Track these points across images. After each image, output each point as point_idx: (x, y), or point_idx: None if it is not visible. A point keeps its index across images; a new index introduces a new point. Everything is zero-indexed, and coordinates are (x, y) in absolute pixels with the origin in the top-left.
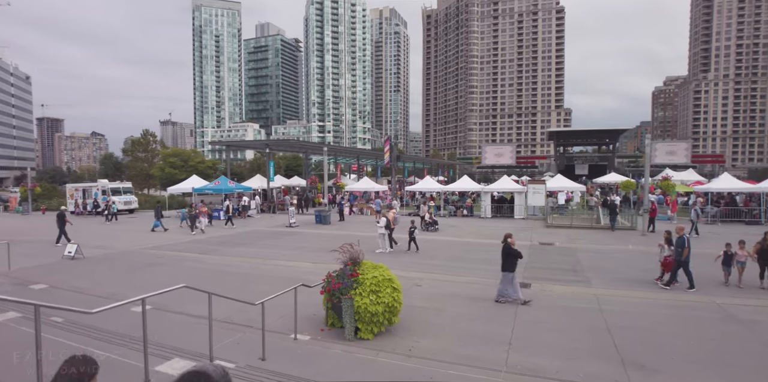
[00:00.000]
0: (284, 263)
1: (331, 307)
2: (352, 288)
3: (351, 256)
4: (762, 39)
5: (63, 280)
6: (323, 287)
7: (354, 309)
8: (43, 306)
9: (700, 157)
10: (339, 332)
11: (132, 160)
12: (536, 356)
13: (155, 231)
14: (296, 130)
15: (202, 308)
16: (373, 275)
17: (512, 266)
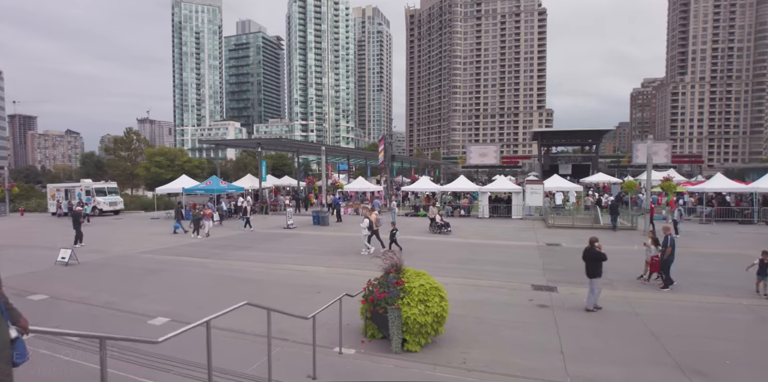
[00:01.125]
0: (296, 267)
1: (370, 317)
2: (398, 297)
3: (393, 263)
4: (736, 43)
5: (62, 289)
6: (364, 296)
7: (402, 320)
8: (110, 338)
9: (680, 158)
10: (381, 344)
11: (114, 159)
12: (593, 364)
13: (177, 233)
14: (278, 128)
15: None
16: (420, 284)
17: (600, 272)
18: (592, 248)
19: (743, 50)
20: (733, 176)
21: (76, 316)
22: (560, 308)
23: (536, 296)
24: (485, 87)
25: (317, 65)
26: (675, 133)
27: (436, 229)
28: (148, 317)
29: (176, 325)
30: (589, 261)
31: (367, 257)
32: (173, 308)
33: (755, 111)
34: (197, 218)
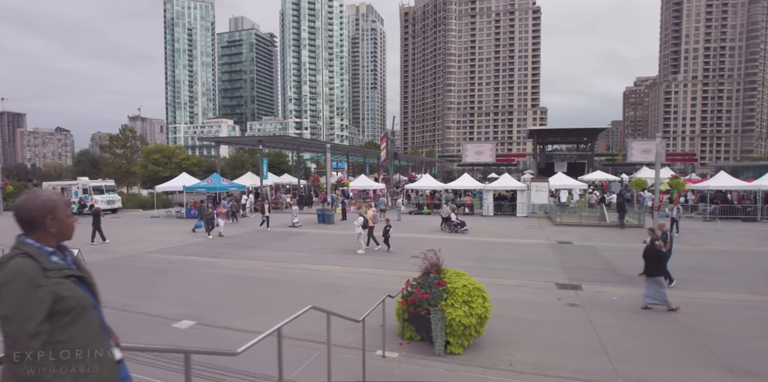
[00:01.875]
0: (310, 266)
1: (408, 318)
2: (442, 298)
3: (432, 262)
4: (728, 42)
5: None
6: (403, 296)
7: (446, 322)
8: (195, 352)
9: (673, 156)
10: (420, 346)
11: (110, 156)
12: (642, 365)
13: (196, 232)
14: (272, 126)
15: (252, 321)
16: (463, 284)
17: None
18: (653, 246)
19: (735, 50)
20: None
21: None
22: (590, 306)
23: (563, 295)
24: (480, 85)
25: (311, 63)
26: (668, 132)
27: (452, 228)
28: (171, 320)
29: (202, 328)
30: (650, 260)
31: (381, 256)
32: (193, 310)
33: (747, 110)
34: (210, 217)
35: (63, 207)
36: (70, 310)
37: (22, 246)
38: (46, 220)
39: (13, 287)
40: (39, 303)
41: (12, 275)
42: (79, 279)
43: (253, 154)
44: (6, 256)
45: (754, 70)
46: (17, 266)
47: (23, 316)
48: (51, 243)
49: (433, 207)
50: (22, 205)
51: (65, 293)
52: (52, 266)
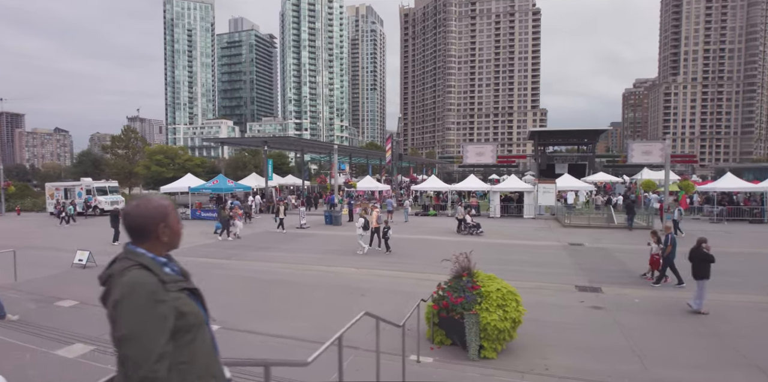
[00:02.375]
0: (326, 268)
1: (438, 322)
2: (476, 302)
3: (463, 265)
4: (728, 44)
5: (89, 294)
6: (434, 300)
7: (480, 326)
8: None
9: (674, 157)
10: (452, 351)
11: (112, 157)
12: (675, 368)
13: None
14: (272, 127)
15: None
16: (497, 288)
17: (708, 273)
18: (700, 249)
19: (734, 51)
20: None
21: None
22: (614, 309)
23: (585, 298)
24: (479, 86)
25: (311, 63)
26: (667, 133)
27: (468, 230)
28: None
29: (227, 333)
30: (697, 262)
31: (393, 257)
32: (214, 314)
33: (746, 111)
34: (226, 218)
35: (173, 213)
36: (190, 327)
37: (135, 256)
38: (159, 227)
39: (132, 302)
40: (162, 321)
41: (130, 289)
42: (191, 292)
43: (255, 155)
44: (118, 268)
45: (753, 72)
46: (136, 279)
47: (147, 336)
48: (161, 253)
49: (439, 208)
50: (133, 212)
51: (185, 309)
52: (168, 279)
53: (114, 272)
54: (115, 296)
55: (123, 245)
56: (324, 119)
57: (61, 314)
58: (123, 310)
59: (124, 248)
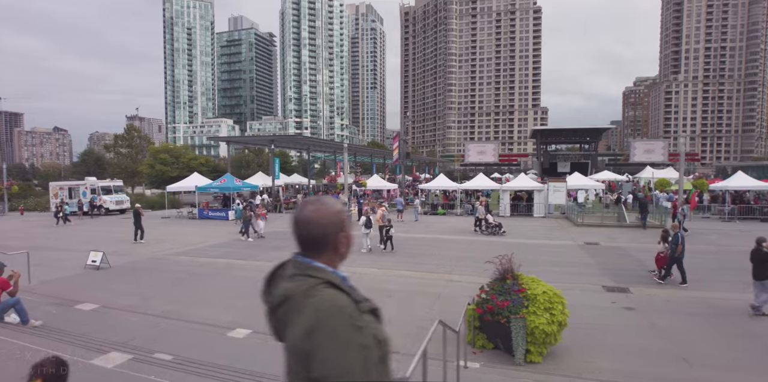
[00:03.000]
0: (347, 269)
1: (479, 326)
2: (522, 306)
3: (506, 268)
4: (729, 42)
5: (106, 297)
6: (477, 303)
7: (527, 330)
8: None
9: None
10: (495, 355)
11: (114, 156)
12: (725, 371)
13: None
14: (272, 126)
15: None
16: (543, 291)
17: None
18: (760, 249)
19: (735, 50)
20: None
21: (143, 329)
22: (647, 310)
23: (615, 298)
24: (480, 85)
25: (311, 62)
26: (668, 132)
27: (490, 229)
28: (223, 328)
29: (259, 337)
30: (758, 263)
31: (414, 258)
32: (241, 317)
33: (747, 110)
34: (247, 218)
35: (348, 220)
36: (385, 357)
37: (317, 272)
38: (339, 236)
39: (334, 331)
40: (369, 352)
41: (328, 315)
42: (372, 312)
43: (258, 154)
44: (299, 287)
45: (754, 70)
46: (332, 301)
47: (357, 373)
48: (337, 266)
49: (447, 207)
50: (314, 218)
51: (382, 336)
52: (359, 298)
53: (293, 292)
54: (306, 323)
55: (293, 258)
56: (324, 118)
57: (83, 319)
58: (323, 341)
59: (295, 262)
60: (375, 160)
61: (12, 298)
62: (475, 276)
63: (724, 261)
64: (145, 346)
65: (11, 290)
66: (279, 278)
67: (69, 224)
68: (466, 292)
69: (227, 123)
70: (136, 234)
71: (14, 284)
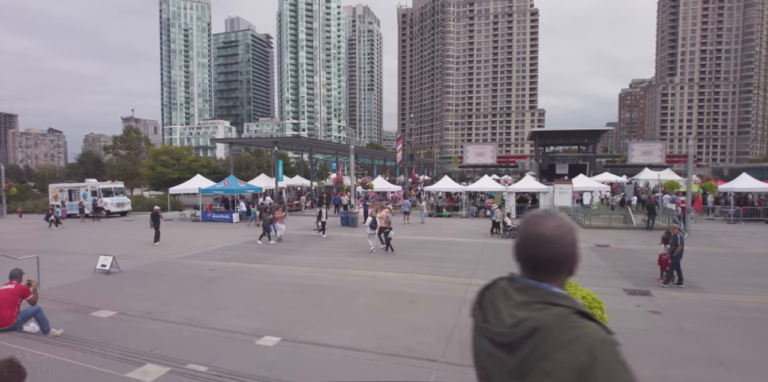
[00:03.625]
0: (363, 272)
1: None
2: None
3: None
4: (724, 45)
5: (122, 302)
6: None
7: None
8: None
9: (673, 157)
10: None
11: (114, 158)
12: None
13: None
14: (269, 127)
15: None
16: (583, 296)
17: None
18: None
19: (731, 52)
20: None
21: (167, 337)
22: (673, 313)
23: (638, 302)
24: (478, 87)
25: (309, 64)
26: (665, 134)
27: (509, 232)
28: (250, 335)
29: (290, 345)
30: None
31: (430, 261)
32: (267, 324)
33: (742, 112)
34: (267, 221)
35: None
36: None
37: (560, 299)
38: (576, 258)
39: (609, 369)
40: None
41: (601, 351)
42: None
43: (258, 155)
44: (548, 317)
45: (749, 72)
46: (599, 335)
47: None
48: (564, 289)
49: (452, 209)
50: (557, 237)
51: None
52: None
53: (545, 323)
54: (578, 361)
55: (516, 280)
56: (321, 120)
57: (104, 327)
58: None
59: (522, 285)
60: (376, 162)
61: (33, 306)
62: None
63: (739, 263)
64: (172, 355)
65: (32, 298)
66: (495, 303)
67: (61, 227)
68: None
69: (224, 125)
70: (158, 237)
71: (34, 292)
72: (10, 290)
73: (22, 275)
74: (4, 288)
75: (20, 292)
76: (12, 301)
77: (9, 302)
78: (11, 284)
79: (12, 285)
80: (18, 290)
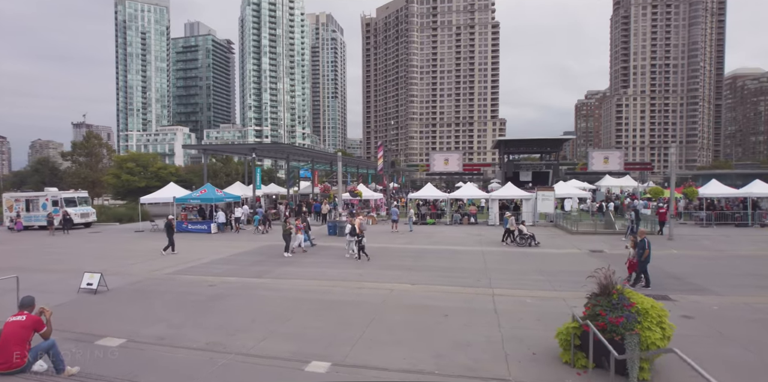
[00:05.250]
0: (378, 285)
1: (579, 344)
2: (636, 321)
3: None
4: (672, 60)
5: (126, 327)
6: (583, 320)
7: (642, 346)
8: None
9: (631, 164)
10: (599, 375)
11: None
12: None
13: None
14: (230, 134)
15: (387, 356)
16: (651, 305)
17: None
18: None
19: (678, 67)
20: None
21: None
22: (706, 318)
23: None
24: (441, 96)
25: (272, 70)
26: (620, 142)
27: (525, 241)
28: (294, 361)
29: (343, 370)
30: None
31: (439, 271)
32: (304, 346)
33: (690, 122)
34: (289, 233)
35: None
36: None
37: None
38: None
39: None
40: None
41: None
42: None
43: (226, 162)
44: None
45: (695, 86)
46: None
47: None
48: None
49: (436, 217)
50: None
51: None
52: None
53: None
54: None
55: None
56: (285, 127)
57: (120, 360)
58: None
59: None
60: (349, 169)
61: (46, 340)
62: (517, 289)
63: (733, 266)
64: None
65: (45, 331)
66: None
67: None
68: (520, 307)
69: (183, 131)
70: (174, 246)
71: (47, 323)
72: (21, 323)
73: (34, 303)
74: (13, 320)
75: (33, 325)
76: (23, 336)
77: (20, 338)
78: (22, 316)
79: (23, 317)
80: (30, 322)
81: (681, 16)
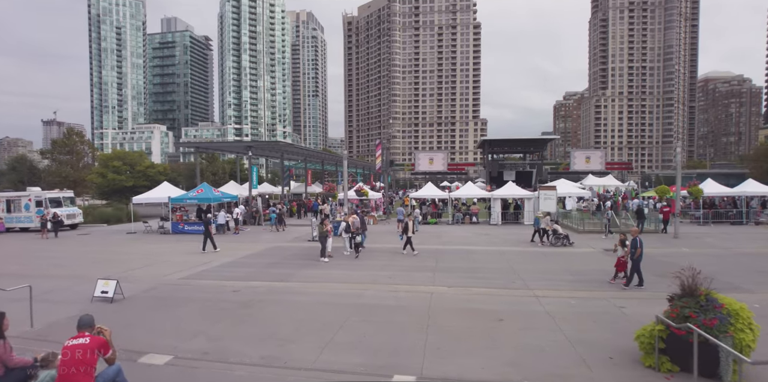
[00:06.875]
0: (414, 288)
1: (665, 348)
2: (729, 323)
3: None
4: (648, 63)
5: (161, 341)
6: (673, 322)
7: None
8: None
9: (612, 164)
10: (685, 379)
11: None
12: None
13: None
14: (209, 132)
15: (466, 366)
16: (740, 306)
17: None
18: None
19: (654, 69)
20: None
21: None
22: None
23: None
24: (424, 96)
25: (252, 68)
26: (599, 143)
27: (561, 241)
28: (375, 375)
29: None
30: None
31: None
32: (367, 358)
33: (665, 123)
34: (325, 235)
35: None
36: None
37: None
38: None
39: None
40: None
41: None
42: None
43: (212, 162)
44: None
45: (670, 88)
46: None
47: None
48: None
49: (437, 216)
50: None
51: None
52: None
53: None
54: None
55: None
56: (265, 125)
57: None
58: None
59: None
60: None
61: (111, 366)
62: (555, 290)
63: (745, 263)
64: None
65: (110, 356)
66: None
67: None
68: (568, 308)
69: (160, 129)
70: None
71: (110, 345)
72: (86, 346)
73: (94, 323)
74: (75, 344)
75: (98, 347)
76: (90, 363)
77: (87, 366)
78: (84, 338)
79: (86, 339)
80: (95, 344)
81: (657, 21)
